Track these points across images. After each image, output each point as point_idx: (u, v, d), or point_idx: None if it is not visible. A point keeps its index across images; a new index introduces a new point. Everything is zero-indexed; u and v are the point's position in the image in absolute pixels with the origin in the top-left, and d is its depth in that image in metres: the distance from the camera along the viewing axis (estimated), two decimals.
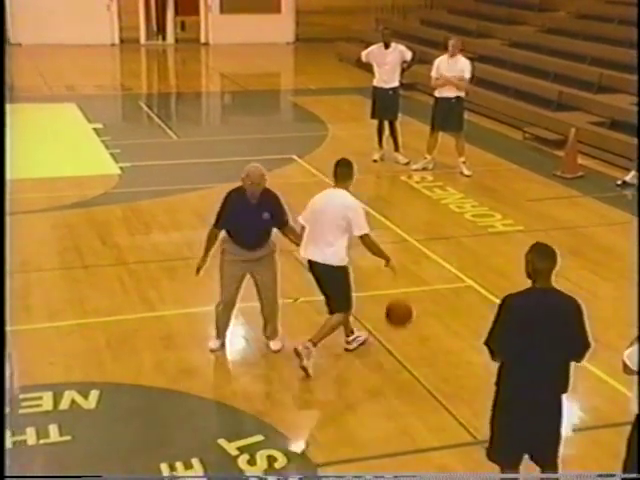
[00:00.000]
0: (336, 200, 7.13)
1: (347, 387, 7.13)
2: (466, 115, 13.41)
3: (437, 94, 13.02)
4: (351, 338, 7.65)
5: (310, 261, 7.25)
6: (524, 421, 5.18)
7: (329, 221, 7.07)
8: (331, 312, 7.33)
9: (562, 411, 5.24)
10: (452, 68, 12.84)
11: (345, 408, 6.80)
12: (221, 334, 7.71)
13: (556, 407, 5.22)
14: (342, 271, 7.24)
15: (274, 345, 7.71)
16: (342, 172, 7.22)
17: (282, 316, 7.99)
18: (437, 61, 13.12)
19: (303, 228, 7.27)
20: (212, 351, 7.64)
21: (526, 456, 5.38)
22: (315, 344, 7.14)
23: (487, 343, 5.21)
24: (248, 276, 7.55)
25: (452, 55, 12.91)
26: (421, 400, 6.94)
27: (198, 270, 7.58)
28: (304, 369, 7.05)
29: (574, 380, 5.37)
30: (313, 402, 6.98)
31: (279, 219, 7.44)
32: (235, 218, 7.31)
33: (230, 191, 7.48)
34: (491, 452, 5.41)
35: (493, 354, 5.21)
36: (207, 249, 7.52)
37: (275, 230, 7.53)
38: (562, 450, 5.48)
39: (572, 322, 5.13)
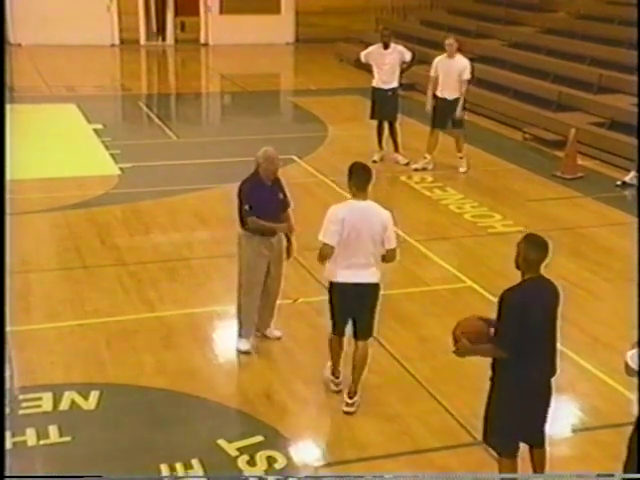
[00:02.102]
0: (373, 217, 6.51)
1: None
2: (466, 115, 13.40)
3: (438, 94, 13.04)
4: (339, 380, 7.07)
5: (349, 284, 6.54)
6: (526, 408, 5.32)
7: (369, 240, 6.46)
8: (361, 337, 6.76)
9: (552, 393, 5.41)
10: (451, 68, 12.86)
11: (344, 408, 6.79)
12: (251, 333, 7.71)
13: (549, 391, 5.40)
14: (379, 289, 6.73)
15: (275, 333, 7.83)
16: (365, 178, 6.61)
17: (282, 316, 8.02)
18: (436, 61, 13.16)
19: (331, 248, 6.47)
20: (247, 353, 7.61)
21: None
22: (356, 393, 6.75)
23: (498, 343, 5.27)
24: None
25: (450, 55, 12.94)
26: (421, 400, 6.94)
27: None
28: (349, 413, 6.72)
29: (575, 380, 5.39)
30: (313, 403, 6.98)
31: (287, 201, 7.68)
32: (256, 203, 7.41)
33: (243, 181, 7.59)
34: (493, 439, 5.51)
35: (499, 351, 5.28)
36: (266, 225, 7.42)
37: None
38: (562, 450, 5.50)
39: (557, 307, 5.34)
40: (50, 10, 24.39)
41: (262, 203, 7.40)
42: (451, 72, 12.87)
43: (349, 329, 6.85)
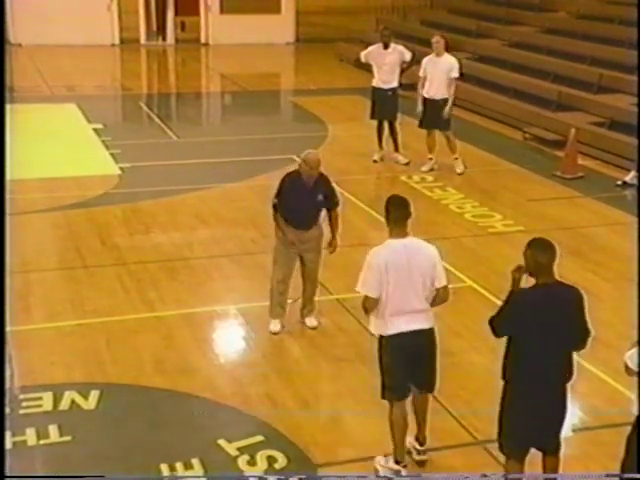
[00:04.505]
0: (420, 255, 5.88)
1: (347, 388, 7.12)
2: (466, 115, 13.41)
3: (425, 94, 12.99)
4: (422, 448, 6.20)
5: (406, 333, 5.84)
6: (535, 415, 5.26)
7: (419, 281, 5.82)
8: (426, 391, 6.11)
9: (567, 401, 5.34)
10: (438, 67, 12.78)
11: (345, 409, 6.79)
12: (281, 315, 7.94)
13: (562, 398, 5.33)
14: (435, 334, 6.06)
15: (311, 322, 8.01)
16: (403, 213, 5.90)
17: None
18: (424, 61, 13.10)
19: (374, 300, 5.79)
20: (275, 334, 7.88)
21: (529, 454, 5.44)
22: (425, 438, 6.13)
23: (492, 323, 5.29)
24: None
25: (438, 54, 12.89)
26: None
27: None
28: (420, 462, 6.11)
29: (574, 380, 5.38)
30: (313, 402, 6.98)
31: (332, 200, 7.85)
32: (292, 201, 7.63)
33: (285, 176, 7.79)
34: (502, 440, 5.45)
35: (495, 333, 5.31)
36: (280, 227, 7.79)
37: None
38: (562, 449, 5.49)
39: (576, 313, 5.26)
40: (50, 10, 24.41)
41: (295, 201, 7.62)
42: (438, 71, 12.76)
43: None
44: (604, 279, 9.33)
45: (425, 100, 13.02)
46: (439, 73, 12.78)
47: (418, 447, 6.13)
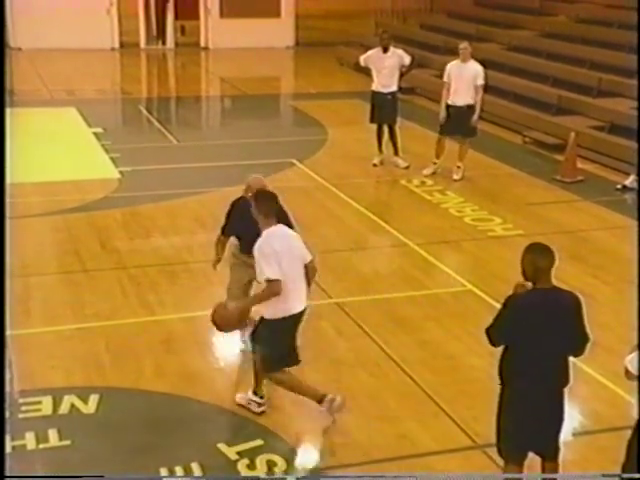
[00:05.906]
0: (293, 237, 6.47)
1: (347, 391, 7.11)
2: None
3: (449, 102, 12.92)
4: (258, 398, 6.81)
5: (298, 313, 6.49)
6: (532, 419, 5.25)
7: (299, 264, 6.37)
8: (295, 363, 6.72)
9: (564, 405, 5.34)
10: (464, 74, 12.76)
11: (345, 412, 6.78)
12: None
13: (560, 402, 5.32)
14: None
15: None
16: (272, 204, 6.44)
17: None
18: (448, 66, 13.06)
19: (280, 283, 6.19)
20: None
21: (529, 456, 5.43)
22: (322, 400, 6.62)
23: (488, 332, 5.29)
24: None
25: (464, 60, 12.86)
26: (421, 404, 6.94)
27: (214, 266, 7.74)
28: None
29: (574, 384, 5.38)
30: (313, 406, 6.96)
31: (284, 224, 7.46)
32: (241, 225, 7.36)
33: (236, 199, 7.57)
34: (500, 444, 5.45)
35: (492, 342, 5.31)
36: (217, 254, 7.67)
37: None
38: (562, 454, 5.48)
39: (574, 318, 5.24)
40: (50, 14, 24.44)
41: (243, 226, 7.28)
42: (463, 77, 12.73)
43: None
44: (604, 282, 9.33)
45: (447, 107, 12.96)
46: (465, 79, 12.73)
47: (258, 400, 6.68)
